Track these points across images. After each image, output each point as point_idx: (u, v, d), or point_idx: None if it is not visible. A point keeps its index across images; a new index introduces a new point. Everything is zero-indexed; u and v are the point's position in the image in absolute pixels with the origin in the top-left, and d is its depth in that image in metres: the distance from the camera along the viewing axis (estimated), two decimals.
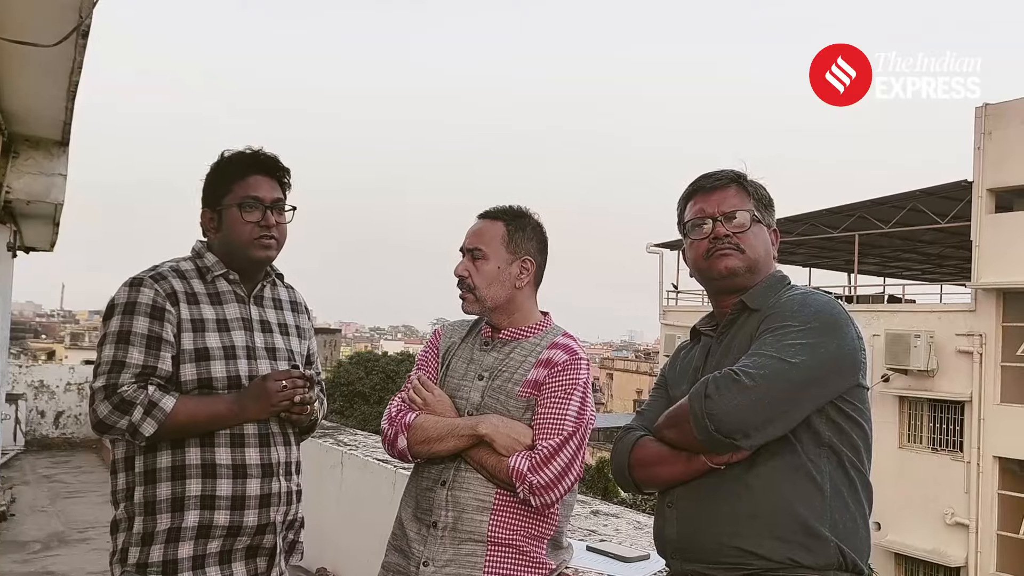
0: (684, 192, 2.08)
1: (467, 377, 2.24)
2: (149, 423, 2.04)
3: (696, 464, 1.83)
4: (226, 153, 2.30)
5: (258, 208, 2.24)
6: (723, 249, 1.96)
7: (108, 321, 2.14)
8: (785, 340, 1.77)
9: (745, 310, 1.95)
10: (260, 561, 2.19)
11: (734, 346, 1.91)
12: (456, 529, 2.11)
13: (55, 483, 10.76)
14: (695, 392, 1.79)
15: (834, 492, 1.77)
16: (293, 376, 2.19)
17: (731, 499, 1.79)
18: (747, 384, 1.71)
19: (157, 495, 2.09)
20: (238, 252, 2.25)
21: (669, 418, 1.89)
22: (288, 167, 2.33)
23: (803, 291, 1.92)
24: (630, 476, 1.97)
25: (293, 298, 2.44)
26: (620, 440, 2.02)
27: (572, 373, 2.15)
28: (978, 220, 18.06)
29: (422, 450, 2.16)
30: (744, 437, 1.72)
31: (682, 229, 2.06)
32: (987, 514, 17.71)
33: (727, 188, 2.01)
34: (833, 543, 1.74)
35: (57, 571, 6.37)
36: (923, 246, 24.61)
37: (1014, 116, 17.51)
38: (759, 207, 2.00)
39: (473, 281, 2.23)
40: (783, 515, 1.75)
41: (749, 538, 1.76)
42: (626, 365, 60.39)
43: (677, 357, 2.14)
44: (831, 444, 1.79)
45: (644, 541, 2.63)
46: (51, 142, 5.94)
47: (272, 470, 2.19)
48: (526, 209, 2.31)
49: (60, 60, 4.10)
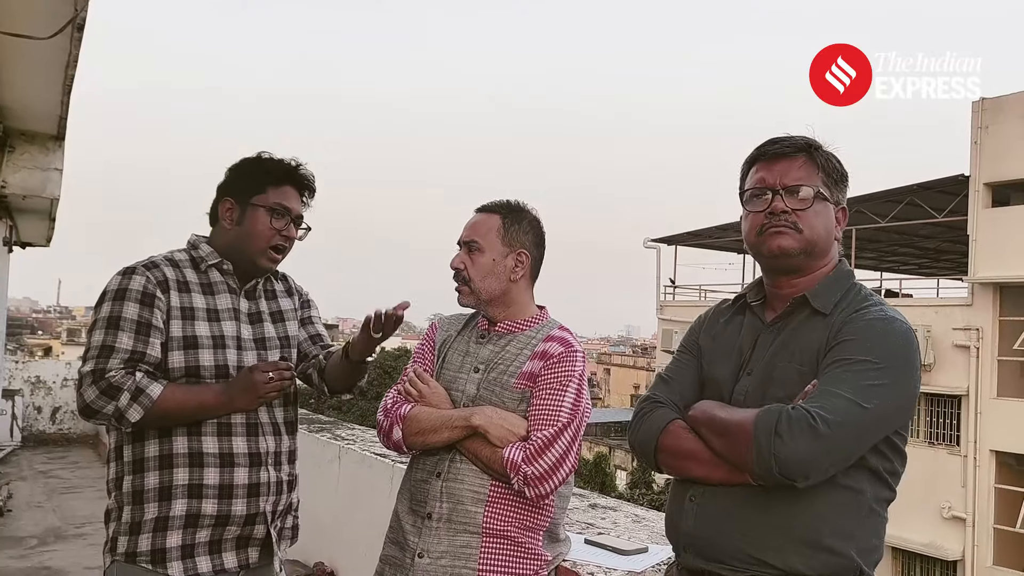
0: (749, 155, 1.92)
1: (463, 370, 2.24)
2: (135, 409, 2.04)
3: (738, 478, 1.72)
4: (265, 155, 2.32)
5: (285, 218, 2.28)
6: (778, 227, 1.81)
7: (99, 307, 2.14)
8: (863, 381, 1.65)
9: (807, 306, 1.82)
10: (252, 551, 2.19)
11: (793, 348, 1.79)
12: (451, 520, 2.11)
13: (52, 479, 10.77)
14: (763, 423, 1.65)
15: (868, 511, 1.73)
16: (280, 368, 2.20)
17: (761, 509, 1.71)
18: (822, 431, 1.60)
19: (145, 484, 2.10)
20: (248, 251, 2.27)
21: (719, 426, 1.76)
22: (316, 188, 2.37)
23: (882, 310, 1.77)
24: (654, 458, 1.88)
25: (287, 286, 2.47)
26: (646, 414, 1.92)
27: (568, 365, 2.14)
28: (975, 214, 18.09)
29: (417, 441, 2.16)
30: (804, 479, 1.63)
31: (741, 196, 1.91)
32: (984, 508, 17.77)
33: (794, 158, 1.84)
34: (856, 563, 1.70)
35: (54, 566, 6.37)
36: (920, 240, 24.65)
37: (1011, 110, 17.53)
38: (828, 182, 1.84)
39: (468, 273, 2.23)
40: (813, 532, 1.68)
41: (772, 551, 1.69)
42: (623, 360, 60.44)
43: (716, 324, 2.01)
44: (874, 468, 1.72)
45: (642, 534, 2.63)
46: (47, 136, 5.91)
47: (260, 459, 2.19)
48: (523, 203, 2.31)
49: (55, 53, 4.08)
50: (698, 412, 1.84)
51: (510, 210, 2.28)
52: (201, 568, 2.10)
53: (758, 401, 1.77)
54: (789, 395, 1.73)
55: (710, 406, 1.83)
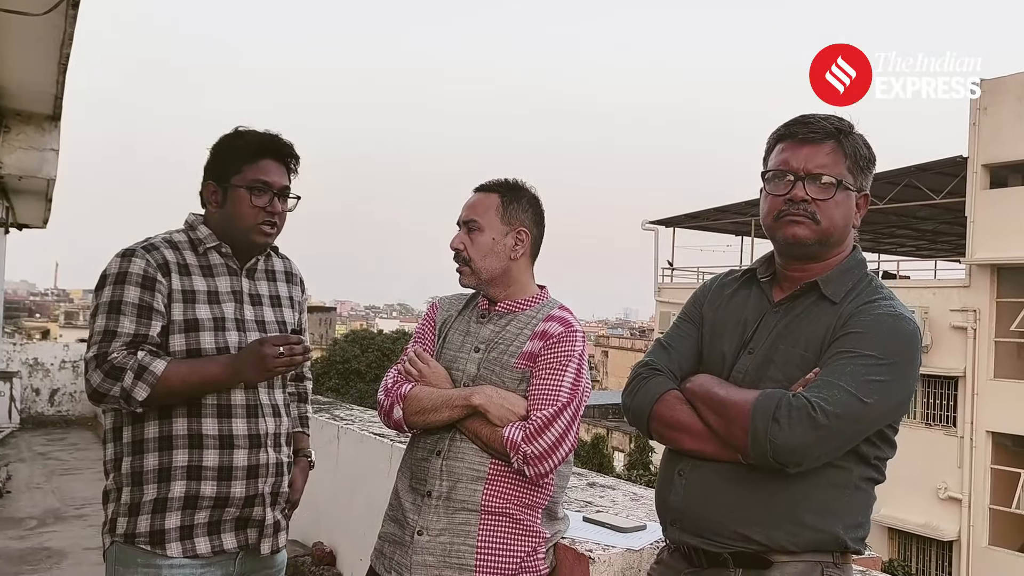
0: (777, 130, 1.87)
1: (463, 349, 2.23)
2: (141, 387, 2.02)
3: (729, 454, 1.73)
4: (241, 129, 2.27)
5: (267, 193, 2.23)
6: (796, 215, 1.78)
7: (100, 291, 2.13)
8: (865, 375, 1.65)
9: (817, 291, 1.80)
10: (251, 532, 2.18)
11: (798, 332, 1.78)
12: (451, 498, 2.11)
13: (51, 460, 10.77)
14: (762, 407, 1.65)
15: (854, 489, 1.73)
16: (291, 342, 2.18)
17: (748, 485, 1.72)
18: (821, 422, 1.60)
19: (144, 465, 2.09)
20: (238, 233, 2.24)
21: (717, 403, 1.76)
22: (299, 155, 2.32)
23: (891, 305, 1.76)
24: (647, 426, 1.88)
25: (287, 268, 2.43)
26: (644, 380, 1.91)
27: (568, 345, 2.14)
28: (973, 196, 18.09)
29: (417, 420, 2.16)
30: (796, 466, 1.65)
31: (763, 174, 1.87)
32: (980, 488, 17.87)
33: (822, 144, 1.80)
34: (841, 539, 1.72)
35: (53, 547, 6.38)
36: (918, 222, 24.66)
37: (1009, 92, 17.50)
38: (853, 169, 1.81)
39: (468, 253, 2.22)
40: (798, 509, 1.70)
41: (756, 526, 1.71)
42: (621, 343, 60.49)
43: (721, 295, 1.98)
44: (863, 454, 1.73)
45: (640, 512, 2.63)
46: (43, 116, 5.89)
47: (260, 441, 2.18)
48: (521, 182, 2.30)
49: (50, 31, 4.05)
50: (696, 386, 1.84)
51: (509, 188, 2.27)
52: (200, 549, 2.10)
53: (756, 381, 1.77)
54: (788, 378, 1.73)
55: (709, 382, 1.83)
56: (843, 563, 1.75)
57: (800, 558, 1.71)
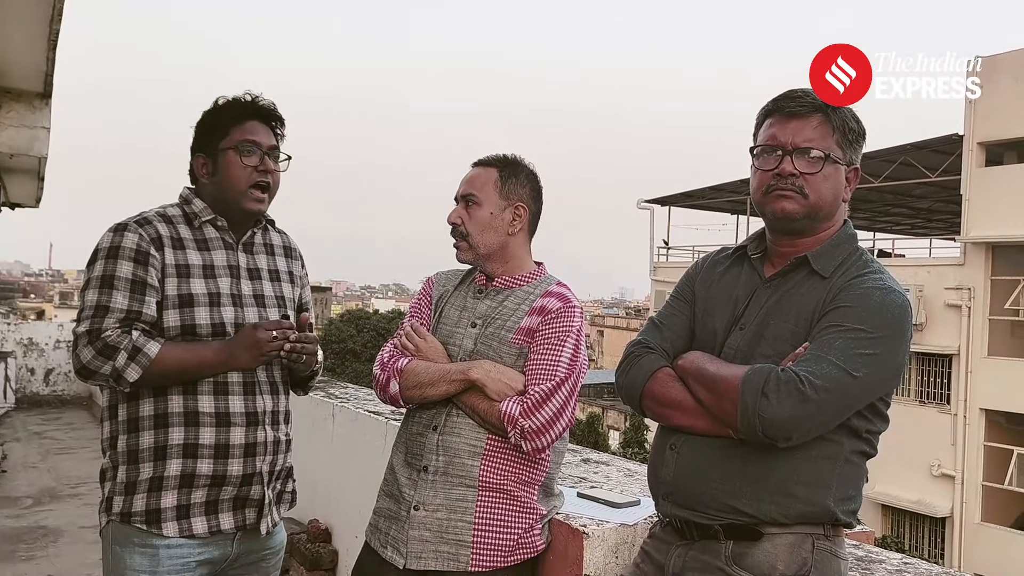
0: (765, 106, 1.87)
1: (460, 325, 2.23)
2: (133, 368, 2.01)
3: (720, 430, 1.74)
4: (220, 100, 2.25)
5: (256, 153, 2.20)
6: (784, 190, 1.78)
7: (92, 266, 2.09)
8: (855, 349, 1.65)
9: (807, 266, 1.80)
10: (249, 512, 2.16)
11: (788, 307, 1.79)
12: (447, 473, 2.11)
13: (46, 440, 10.79)
14: (751, 382, 1.66)
15: (845, 462, 1.73)
16: (284, 326, 2.16)
17: (738, 460, 1.73)
18: (809, 396, 1.61)
19: (140, 443, 2.08)
20: (232, 199, 2.20)
21: (707, 379, 1.77)
22: (283, 117, 2.29)
23: (881, 278, 1.75)
24: (640, 403, 1.89)
25: (286, 243, 2.40)
26: (636, 358, 1.92)
27: (565, 320, 2.14)
28: (968, 174, 18.09)
29: (414, 395, 2.15)
30: (786, 441, 1.65)
31: (752, 149, 1.87)
32: (973, 465, 18.00)
33: (809, 118, 1.80)
34: (832, 511, 1.72)
35: (49, 525, 6.39)
36: (913, 200, 24.66)
37: (1006, 70, 17.45)
38: (843, 142, 1.80)
39: (466, 228, 2.21)
40: (789, 482, 1.70)
41: (746, 499, 1.72)
42: (616, 322, 60.60)
43: (712, 273, 1.98)
44: (854, 427, 1.73)
45: (634, 487, 2.63)
46: (33, 94, 5.84)
47: (257, 418, 2.16)
48: (519, 157, 2.29)
49: (39, 6, 4.01)
50: (687, 363, 1.85)
51: (507, 164, 2.26)
52: (197, 529, 2.08)
53: (747, 357, 1.78)
54: (779, 353, 1.74)
55: (700, 358, 1.84)
56: (834, 535, 1.76)
57: (791, 530, 1.71)
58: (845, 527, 1.79)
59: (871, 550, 2.16)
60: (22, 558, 5.54)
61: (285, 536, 2.38)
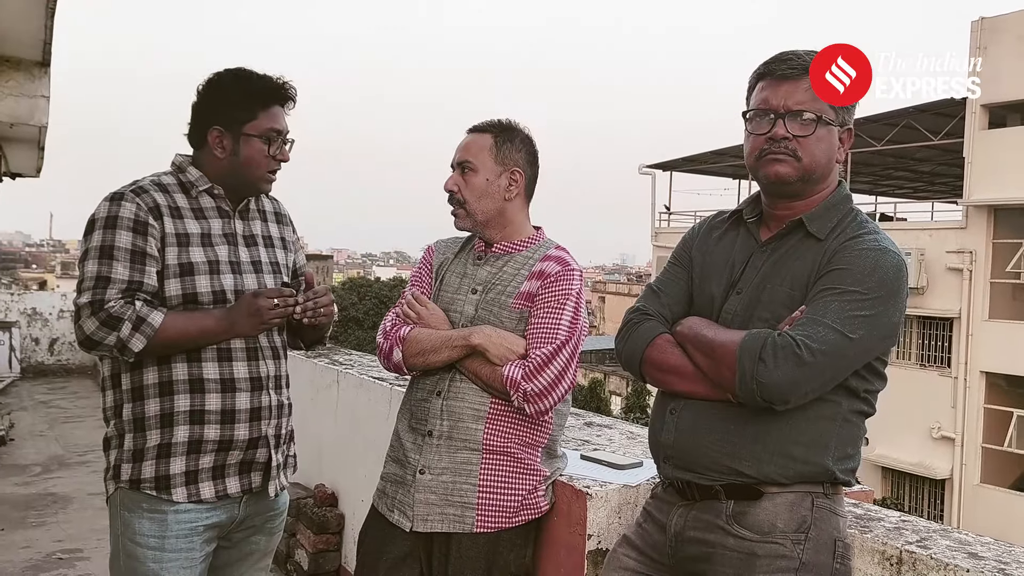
0: (756, 69, 1.86)
1: (460, 291, 2.24)
2: (138, 339, 2.02)
3: (719, 395, 1.76)
4: (244, 72, 2.21)
5: (279, 142, 2.22)
6: (777, 153, 1.78)
7: (89, 236, 2.09)
8: (850, 311, 1.67)
9: (802, 228, 1.81)
10: (254, 475, 2.20)
11: (785, 270, 1.80)
12: (452, 438, 2.14)
13: (52, 408, 10.86)
14: (748, 347, 1.68)
15: (843, 422, 1.76)
16: (285, 294, 2.18)
17: (738, 422, 1.75)
18: (806, 359, 1.63)
19: (146, 411, 2.10)
20: (249, 181, 2.22)
21: (705, 345, 1.78)
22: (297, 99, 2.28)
23: (875, 239, 1.76)
24: (639, 369, 1.91)
25: (277, 209, 2.40)
26: (635, 325, 1.93)
27: (565, 284, 2.16)
28: (971, 136, 17.96)
29: (417, 362, 2.18)
30: (783, 404, 1.67)
31: (744, 114, 1.87)
32: (973, 428, 18.07)
33: (800, 80, 1.79)
34: (830, 470, 1.75)
35: (58, 492, 6.46)
36: (915, 164, 24.52)
37: (1009, 31, 17.27)
38: (834, 105, 1.80)
39: (463, 195, 2.22)
40: (788, 442, 1.73)
41: (746, 460, 1.74)
42: (618, 288, 60.57)
43: (709, 238, 1.99)
44: (852, 387, 1.75)
45: (637, 449, 2.67)
46: (32, 63, 5.79)
47: (261, 383, 2.19)
48: (514, 122, 2.29)
49: None
50: (685, 328, 1.86)
51: (502, 129, 2.26)
52: (204, 494, 2.11)
53: (745, 322, 1.79)
54: (776, 317, 1.75)
55: (698, 324, 1.85)
56: (833, 494, 1.79)
57: (790, 489, 1.74)
58: (844, 485, 1.81)
59: (870, 508, 2.19)
60: (33, 524, 5.61)
61: (288, 497, 2.41)
